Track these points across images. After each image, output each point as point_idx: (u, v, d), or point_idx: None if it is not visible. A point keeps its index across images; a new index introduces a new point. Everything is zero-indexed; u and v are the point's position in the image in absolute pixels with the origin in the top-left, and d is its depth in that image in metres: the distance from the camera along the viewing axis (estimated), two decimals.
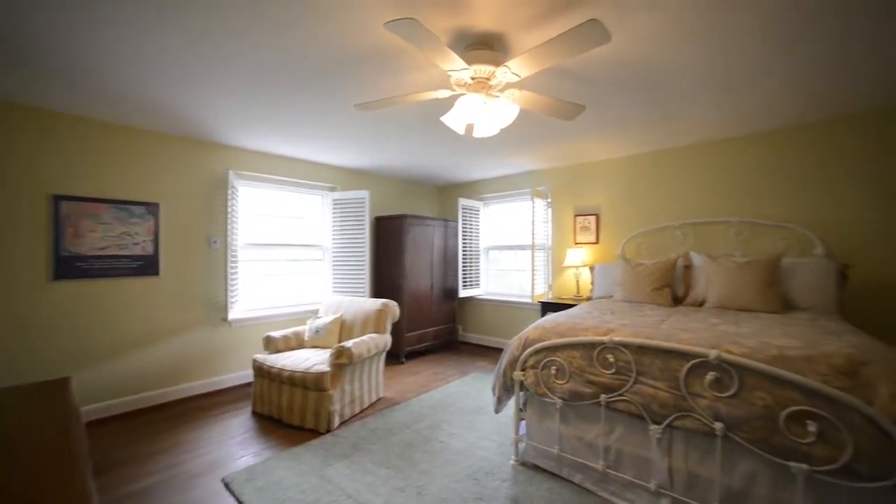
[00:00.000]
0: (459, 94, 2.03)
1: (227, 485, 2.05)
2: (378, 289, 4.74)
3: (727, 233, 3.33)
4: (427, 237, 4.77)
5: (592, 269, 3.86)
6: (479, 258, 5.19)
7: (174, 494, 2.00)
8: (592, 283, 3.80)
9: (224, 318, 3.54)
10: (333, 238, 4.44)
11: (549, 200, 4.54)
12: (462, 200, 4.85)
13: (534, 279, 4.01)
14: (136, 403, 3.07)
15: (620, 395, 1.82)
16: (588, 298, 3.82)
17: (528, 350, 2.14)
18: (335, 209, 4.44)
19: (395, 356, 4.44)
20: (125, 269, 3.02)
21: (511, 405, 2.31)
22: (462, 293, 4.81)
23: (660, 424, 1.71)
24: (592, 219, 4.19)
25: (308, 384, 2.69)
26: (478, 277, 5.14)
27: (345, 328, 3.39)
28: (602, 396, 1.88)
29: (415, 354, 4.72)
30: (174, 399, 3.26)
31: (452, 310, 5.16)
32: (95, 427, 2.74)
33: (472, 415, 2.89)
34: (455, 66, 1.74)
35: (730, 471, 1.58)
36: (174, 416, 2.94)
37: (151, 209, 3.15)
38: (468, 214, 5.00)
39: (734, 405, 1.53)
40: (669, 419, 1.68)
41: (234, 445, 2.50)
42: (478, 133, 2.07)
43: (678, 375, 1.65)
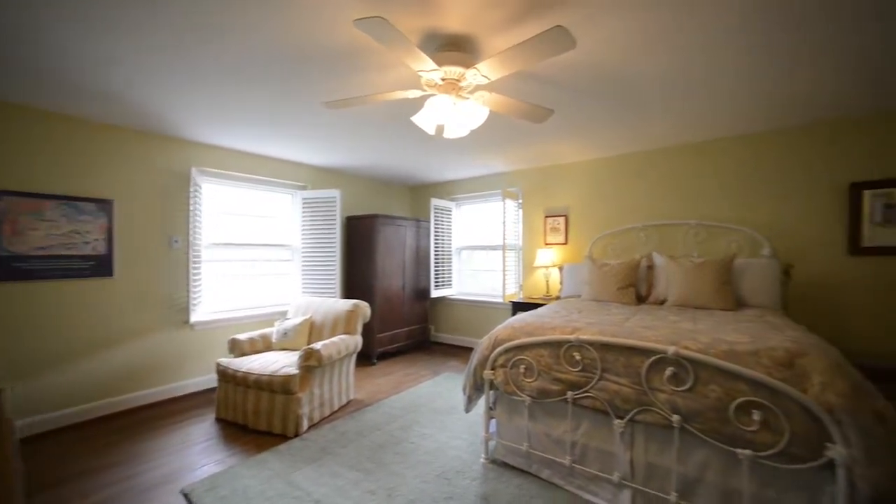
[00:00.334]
0: (430, 95, 2.03)
1: (187, 496, 1.97)
2: (349, 289, 4.67)
3: (686, 234, 3.51)
4: (399, 237, 4.74)
5: (561, 269, 3.96)
6: (452, 258, 5.21)
7: None
8: (561, 283, 3.90)
9: (186, 321, 3.39)
10: (303, 238, 4.33)
11: (520, 201, 4.61)
12: (434, 200, 4.85)
13: (505, 279, 4.07)
14: (89, 413, 2.89)
15: (586, 392, 1.88)
16: (557, 298, 3.92)
17: (498, 349, 2.18)
18: (305, 208, 4.34)
19: (367, 357, 4.39)
20: (74, 270, 2.83)
21: (481, 404, 2.34)
22: (434, 293, 4.82)
23: (623, 419, 1.78)
24: (562, 220, 4.30)
25: (275, 388, 2.62)
26: (450, 277, 5.16)
27: (314, 330, 3.32)
28: (569, 393, 1.93)
29: (387, 355, 4.68)
30: (131, 407, 3.08)
31: (425, 310, 5.15)
32: (41, 441, 2.56)
33: (444, 415, 2.90)
34: (425, 67, 1.74)
35: (685, 460, 1.66)
36: (130, 426, 2.78)
37: (104, 206, 2.97)
38: (440, 215, 5.02)
39: (690, 398, 1.61)
40: (632, 414, 1.75)
41: (196, 454, 2.39)
42: (448, 134, 2.08)
43: (640, 371, 1.72)
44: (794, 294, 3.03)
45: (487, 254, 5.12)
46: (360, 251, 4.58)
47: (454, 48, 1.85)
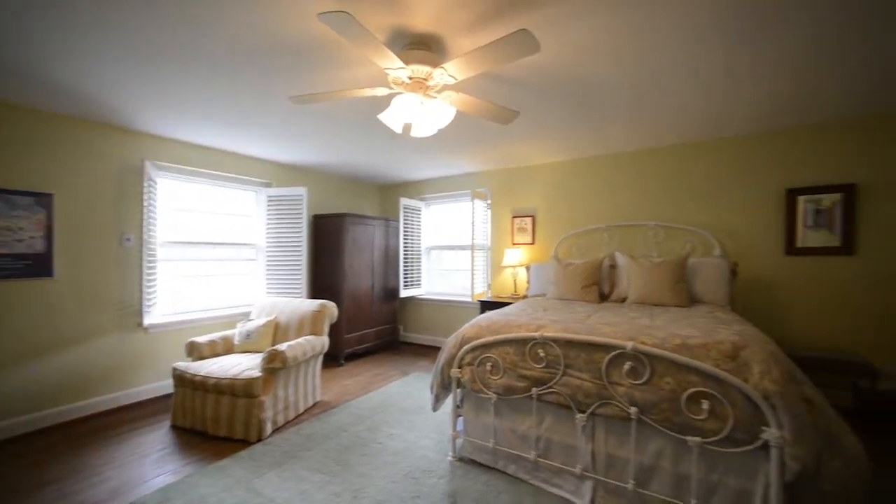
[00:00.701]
0: (397, 93, 2.02)
1: None
2: (316, 289, 4.57)
3: (646, 235, 3.67)
4: (368, 236, 4.69)
5: (528, 269, 4.04)
6: (421, 258, 5.21)
7: None
8: (528, 282, 3.98)
9: (139, 324, 3.20)
10: (268, 236, 4.20)
11: (489, 202, 4.67)
12: (404, 200, 4.83)
13: (473, 279, 4.11)
14: (28, 425, 2.66)
15: (550, 388, 1.93)
16: (524, 297, 4.00)
17: (465, 348, 2.20)
18: (270, 206, 4.20)
19: (334, 358, 4.31)
20: (6, 270, 2.61)
21: (449, 403, 2.35)
22: (403, 293, 4.80)
23: (584, 413, 1.84)
24: (529, 220, 4.40)
25: (237, 391, 2.52)
26: (419, 277, 5.15)
27: (279, 331, 3.23)
28: (533, 390, 1.97)
29: (355, 356, 4.61)
30: (76, 418, 2.87)
31: (394, 310, 5.12)
32: None
33: (412, 414, 2.90)
34: (392, 65, 1.74)
35: (642, 450, 1.74)
36: (75, 438, 2.59)
37: (42, 200, 2.75)
38: (410, 214, 5.00)
39: (646, 391, 1.69)
40: (593, 407, 1.81)
41: (149, 464, 2.26)
42: (415, 133, 2.08)
43: (601, 366, 1.79)
44: (740, 291, 3.25)
45: (456, 254, 5.15)
46: (328, 251, 4.50)
47: (421, 47, 1.85)
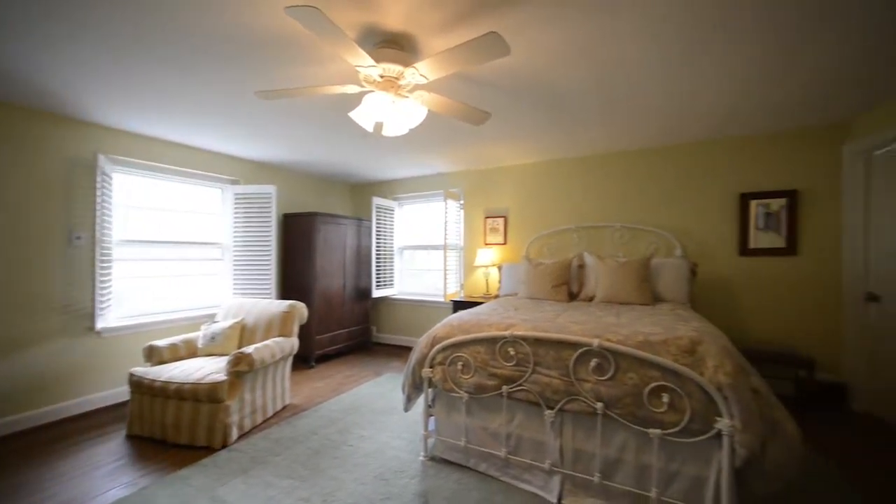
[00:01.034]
0: (368, 91, 2.00)
1: None
2: (286, 290, 4.46)
3: (612, 236, 3.80)
4: (340, 236, 4.61)
5: (500, 269, 4.09)
6: (394, 258, 5.18)
7: None
8: (500, 282, 4.03)
9: (91, 328, 3.01)
10: (235, 235, 4.06)
11: (462, 202, 4.70)
12: (376, 199, 4.79)
13: (446, 278, 4.12)
14: None
15: (520, 386, 1.97)
16: (496, 296, 4.05)
17: (437, 347, 2.20)
18: (238, 204, 4.06)
19: (305, 360, 4.22)
20: None
21: (421, 403, 2.35)
22: (376, 293, 4.75)
23: (553, 409, 1.88)
24: (501, 221, 4.46)
25: (200, 396, 2.42)
26: (392, 277, 5.12)
27: (246, 333, 3.13)
28: (504, 388, 2.00)
29: (326, 357, 4.53)
30: (18, 431, 2.66)
31: (366, 310, 5.06)
32: None
33: (384, 415, 2.88)
34: (363, 63, 1.72)
35: (607, 444, 1.80)
36: (17, 452, 2.40)
37: None
38: (382, 214, 4.96)
39: (611, 386, 1.75)
40: (561, 403, 1.86)
41: (101, 477, 2.13)
42: (387, 132, 2.07)
43: (568, 364, 1.84)
44: (699, 289, 3.42)
45: (429, 254, 5.16)
46: (299, 250, 4.39)
47: (393, 46, 1.84)
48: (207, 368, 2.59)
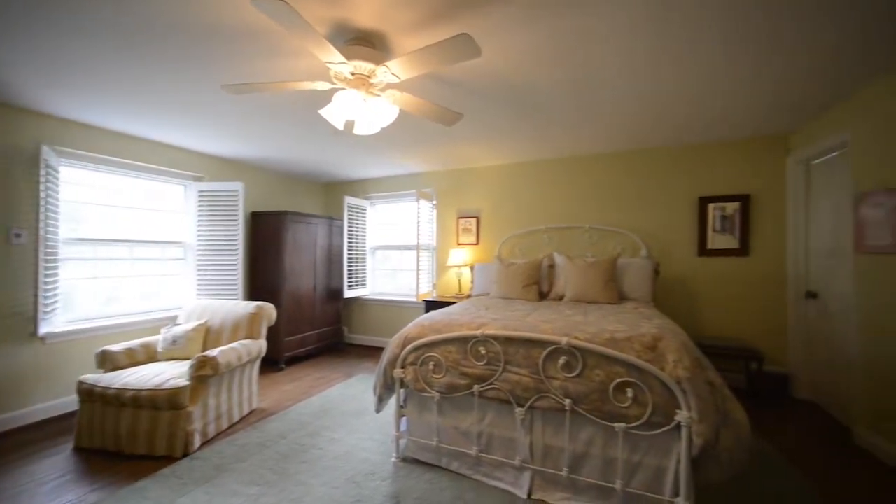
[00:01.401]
0: (339, 89, 1.97)
1: None
2: (254, 290, 4.31)
3: (582, 236, 3.92)
4: (310, 235, 4.51)
5: (473, 269, 4.13)
6: (366, 258, 5.11)
7: None
8: (472, 282, 4.07)
9: (33, 333, 2.79)
10: (199, 234, 3.88)
11: (435, 202, 4.71)
12: (348, 199, 4.71)
13: (418, 278, 4.12)
14: None
15: (491, 384, 1.99)
16: (468, 296, 4.08)
17: (408, 348, 2.19)
18: (202, 201, 3.89)
19: (274, 363, 4.10)
20: None
21: (392, 404, 2.34)
22: (348, 293, 4.68)
23: (523, 407, 1.91)
24: (474, 221, 4.49)
25: (159, 403, 2.30)
26: (364, 277, 5.05)
27: (211, 336, 3.00)
28: (475, 387, 2.02)
29: (296, 360, 4.42)
30: None
31: (337, 311, 4.98)
32: None
33: (355, 417, 2.84)
34: (333, 59, 1.69)
35: (575, 439, 1.86)
36: None
37: None
38: (354, 213, 4.89)
39: (579, 383, 1.80)
40: (531, 401, 1.89)
41: (44, 495, 1.96)
42: (358, 130, 2.04)
43: (538, 362, 1.88)
44: (662, 288, 3.58)
45: (402, 253, 5.13)
46: (267, 250, 4.26)
47: (365, 43, 1.82)
48: (168, 373, 2.46)
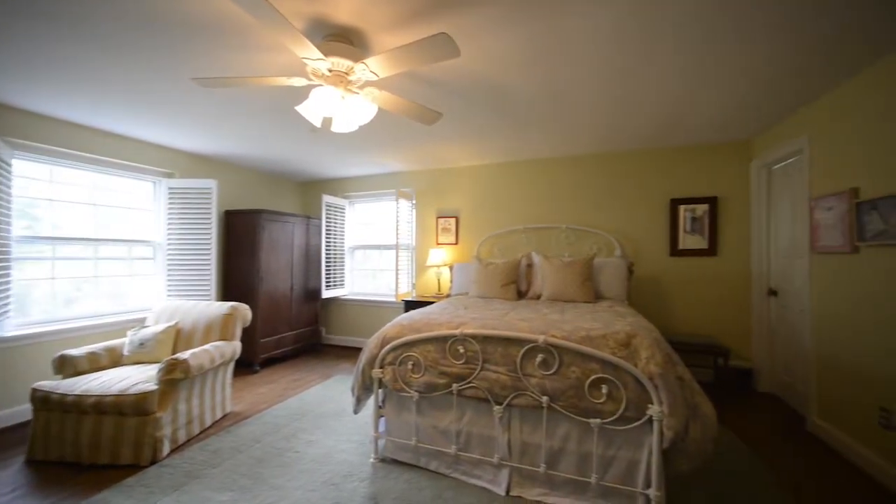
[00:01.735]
0: (316, 85, 1.94)
1: None
2: (228, 291, 4.19)
3: (559, 237, 3.98)
4: (287, 235, 4.42)
5: (452, 268, 4.14)
6: (345, 257, 5.05)
7: None
8: (452, 282, 4.08)
9: None
10: (169, 233, 3.74)
11: (414, 202, 4.69)
12: (326, 197, 4.64)
13: (397, 278, 4.10)
14: None
15: (469, 383, 2.00)
16: (447, 296, 4.09)
17: (387, 347, 2.18)
18: (172, 199, 3.75)
19: (249, 365, 3.99)
20: None
21: (371, 404, 2.32)
22: (326, 293, 4.61)
23: (501, 405, 1.93)
24: (453, 221, 4.50)
25: (125, 409, 2.20)
26: (342, 277, 4.99)
27: (182, 338, 2.90)
28: (454, 385, 2.03)
29: (272, 361, 4.32)
30: None
31: (315, 311, 4.89)
32: None
33: (333, 419, 2.80)
34: (310, 55, 1.66)
35: (552, 435, 1.89)
36: None
37: None
38: (333, 212, 4.82)
39: (555, 380, 1.83)
40: (509, 399, 1.91)
41: None
42: (336, 128, 2.01)
43: (516, 360, 1.90)
44: (636, 287, 3.69)
45: (382, 253, 5.09)
46: (242, 249, 4.15)
47: (343, 40, 1.80)
48: (134, 378, 2.36)
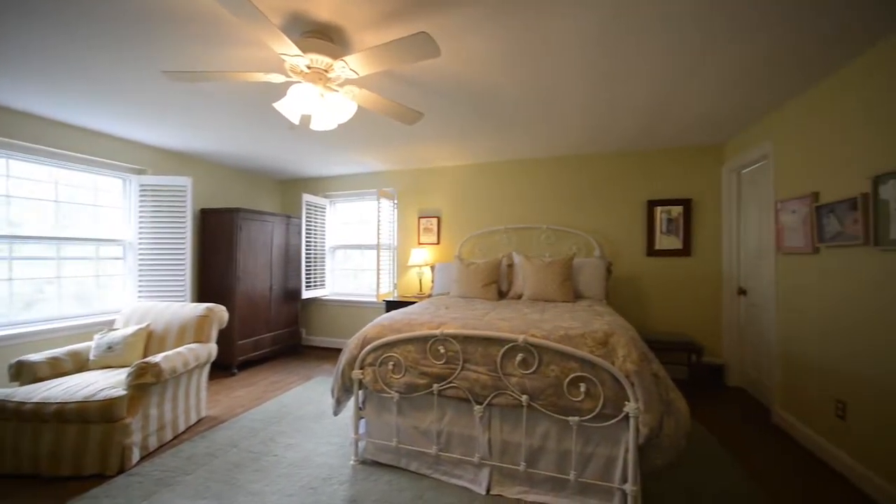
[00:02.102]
0: (295, 82, 1.90)
1: None
2: (204, 292, 4.07)
3: (539, 237, 4.03)
4: (265, 234, 4.32)
5: (433, 268, 4.13)
6: (325, 257, 4.98)
7: None
8: (433, 282, 4.07)
9: None
10: (141, 232, 3.61)
11: (396, 202, 4.67)
12: (307, 196, 4.57)
13: (379, 278, 4.07)
14: None
15: (450, 383, 2.00)
16: (429, 296, 4.08)
17: (367, 348, 2.16)
18: (144, 197, 3.62)
19: (226, 368, 3.89)
20: None
21: (351, 406, 2.29)
22: (306, 294, 4.53)
23: (482, 404, 1.94)
24: (435, 221, 4.50)
25: (90, 416, 2.10)
26: (323, 277, 4.92)
27: (154, 340, 2.80)
28: (434, 386, 2.02)
29: (250, 364, 4.22)
30: None
31: (295, 312, 4.81)
32: None
33: (313, 421, 2.75)
34: (287, 51, 1.63)
35: (531, 434, 1.90)
36: None
37: None
38: (313, 211, 4.74)
39: (535, 379, 1.85)
40: (489, 398, 1.92)
41: None
42: (315, 126, 1.98)
43: (496, 359, 1.91)
44: (614, 286, 3.76)
45: (363, 253, 5.04)
46: (218, 249, 4.04)
47: (322, 36, 1.77)
48: (101, 383, 2.26)
